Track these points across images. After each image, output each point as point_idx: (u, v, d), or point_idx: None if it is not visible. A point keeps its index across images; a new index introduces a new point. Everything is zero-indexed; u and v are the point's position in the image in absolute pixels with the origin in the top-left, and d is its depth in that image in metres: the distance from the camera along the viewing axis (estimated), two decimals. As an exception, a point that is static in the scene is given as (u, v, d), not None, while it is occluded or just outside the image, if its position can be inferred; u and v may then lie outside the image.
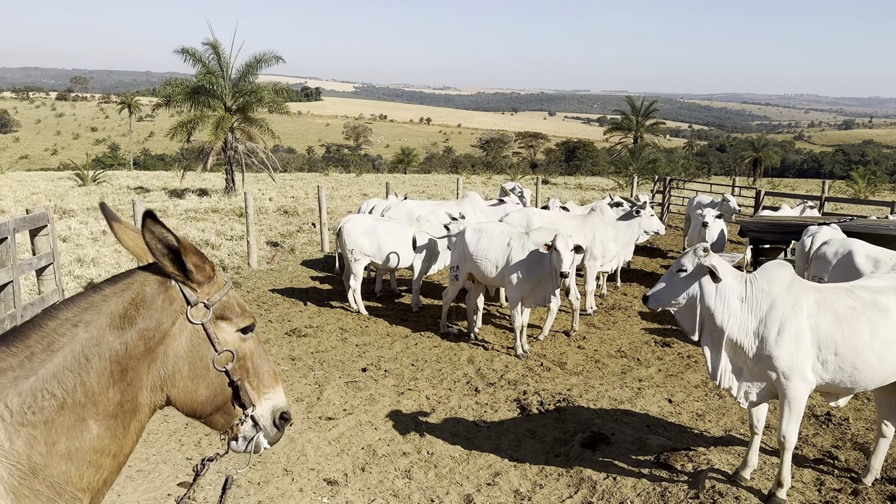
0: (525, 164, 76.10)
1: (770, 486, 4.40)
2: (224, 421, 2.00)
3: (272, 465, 4.99)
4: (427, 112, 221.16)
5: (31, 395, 1.71)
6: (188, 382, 1.91)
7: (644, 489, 4.54)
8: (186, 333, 1.88)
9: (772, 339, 4.08)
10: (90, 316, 1.80)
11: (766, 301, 4.13)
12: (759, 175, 51.69)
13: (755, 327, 4.12)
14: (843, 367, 4.12)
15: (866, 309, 4.20)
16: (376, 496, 4.61)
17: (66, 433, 1.74)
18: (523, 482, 4.80)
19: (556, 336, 8.30)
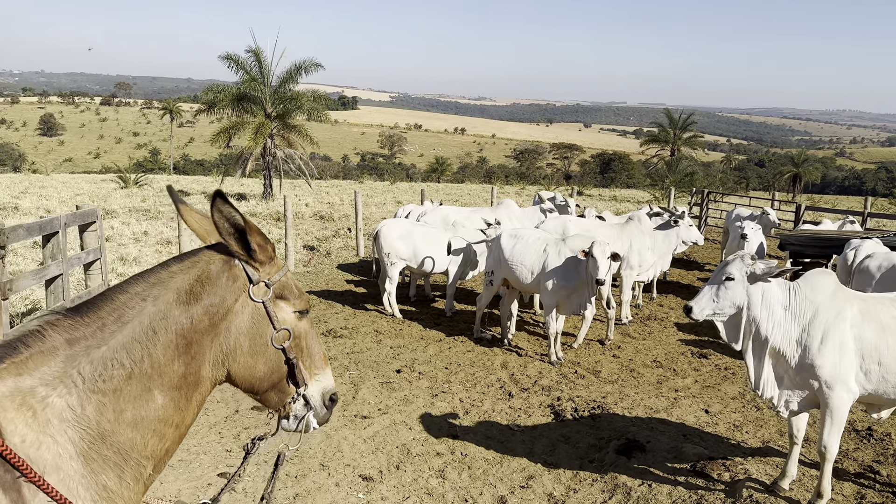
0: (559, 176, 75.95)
1: (809, 497, 4.34)
2: (278, 399, 2.05)
3: (309, 459, 5.07)
4: (461, 122, 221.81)
5: (101, 364, 1.79)
6: (248, 358, 1.97)
7: (680, 496, 4.51)
8: (248, 310, 1.94)
9: (815, 348, 4.04)
10: (158, 291, 1.88)
11: (809, 309, 4.10)
12: (798, 191, 50.89)
13: (798, 336, 4.09)
14: (886, 377, 4.07)
15: (912, 321, 4.14)
16: (410, 494, 4.65)
17: (133, 402, 1.81)
18: (557, 486, 4.79)
19: (590, 344, 8.27)
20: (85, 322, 1.82)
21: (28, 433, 1.68)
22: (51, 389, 1.73)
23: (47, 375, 1.74)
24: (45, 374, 1.74)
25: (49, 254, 6.29)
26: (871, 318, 4.12)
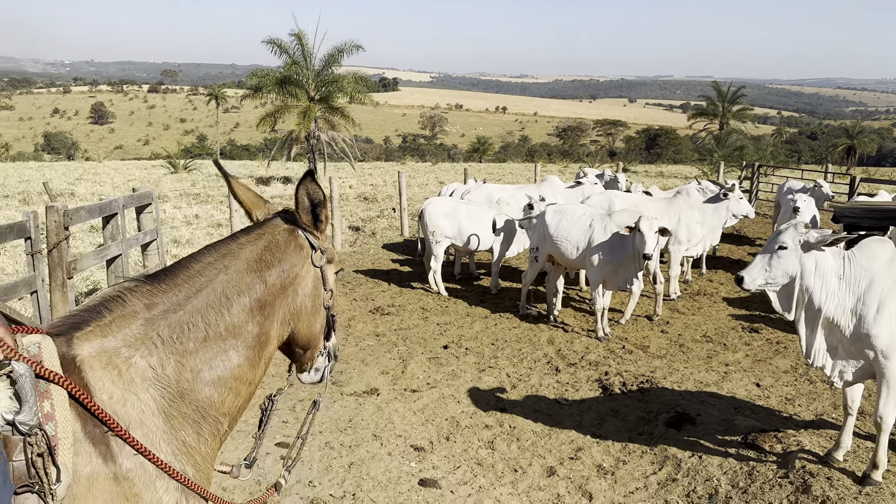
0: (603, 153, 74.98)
1: (864, 468, 4.29)
2: (311, 354, 2.19)
3: (362, 430, 5.19)
4: (503, 101, 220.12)
5: (178, 327, 1.89)
6: (310, 317, 2.10)
7: (731, 468, 4.51)
8: (311, 275, 2.08)
9: (870, 317, 3.97)
10: (229, 261, 1.99)
11: (865, 278, 4.03)
12: (853, 163, 49.31)
13: (853, 305, 4.02)
14: (946, 346, 3.99)
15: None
16: (461, 463, 4.73)
17: (210, 362, 1.91)
18: (606, 458, 4.82)
19: (638, 320, 8.23)
20: (162, 289, 1.93)
21: (115, 391, 1.78)
22: (133, 350, 1.83)
23: (129, 337, 1.85)
24: (127, 336, 1.84)
25: (109, 235, 6.54)
26: (929, 287, 4.05)
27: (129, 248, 6.57)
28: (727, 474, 4.44)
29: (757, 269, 4.10)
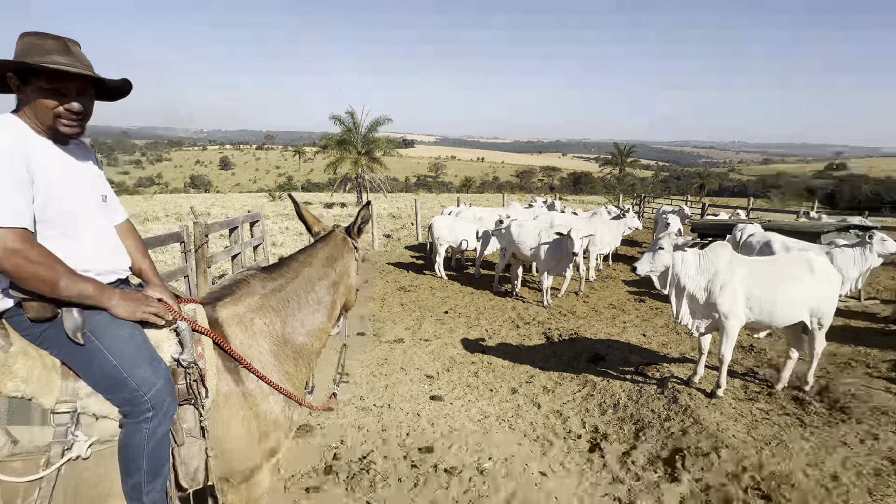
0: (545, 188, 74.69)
1: (711, 387, 4.33)
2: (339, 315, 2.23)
3: (393, 365, 5.19)
4: (482, 154, 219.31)
5: (283, 299, 1.92)
6: (352, 291, 2.18)
7: (628, 387, 4.54)
8: (354, 265, 2.16)
9: (716, 293, 4.01)
10: (312, 259, 2.05)
11: (712, 268, 4.06)
12: (703, 195, 49.29)
13: (705, 285, 4.06)
14: (763, 310, 4.03)
15: (780, 274, 4.08)
16: (457, 385, 4.75)
17: (303, 321, 1.95)
18: (549, 382, 4.84)
19: (569, 295, 8.23)
20: (272, 276, 1.97)
21: (243, 339, 1.81)
22: (254, 314, 1.87)
23: (252, 305, 1.88)
24: (250, 305, 1.87)
25: (233, 240, 6.55)
26: (753, 274, 4.08)
27: (245, 248, 6.58)
28: (625, 391, 4.46)
29: (645, 261, 4.13)
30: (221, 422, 1.69)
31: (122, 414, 1.53)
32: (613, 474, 3.33)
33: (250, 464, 1.76)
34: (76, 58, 1.49)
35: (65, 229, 1.53)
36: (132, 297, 1.60)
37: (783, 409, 4.07)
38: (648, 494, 3.11)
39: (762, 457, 3.37)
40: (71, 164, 1.58)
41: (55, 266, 1.44)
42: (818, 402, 4.18)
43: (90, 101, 1.57)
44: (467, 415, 4.14)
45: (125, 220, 1.84)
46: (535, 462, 3.45)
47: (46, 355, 1.52)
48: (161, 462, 1.55)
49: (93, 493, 1.53)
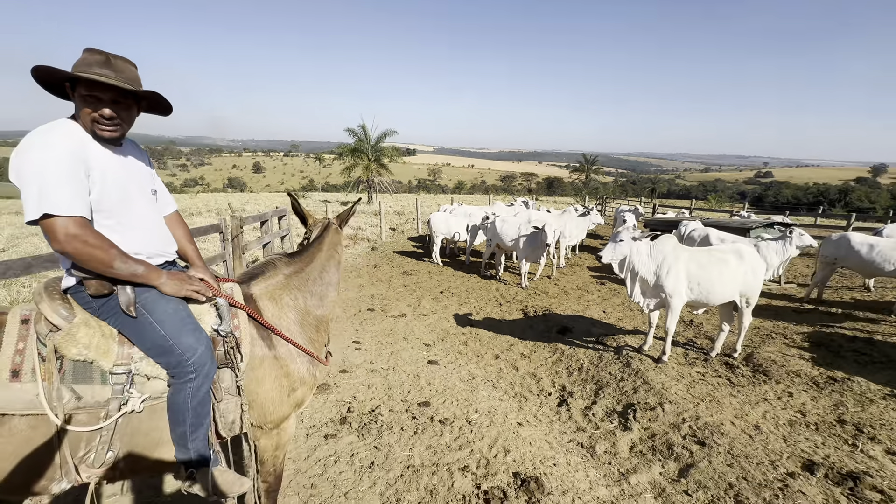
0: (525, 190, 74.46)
1: (658, 354, 4.37)
2: None
3: (397, 335, 5.17)
4: (472, 161, 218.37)
5: (303, 279, 1.91)
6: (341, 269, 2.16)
7: (589, 354, 4.56)
8: (342, 247, 2.15)
9: (663, 276, 4.02)
10: (322, 246, 2.06)
11: (660, 256, 4.07)
12: (654, 197, 49.34)
13: (654, 270, 4.07)
14: (703, 291, 4.05)
15: (716, 261, 4.10)
16: (450, 353, 4.74)
17: (319, 294, 1.94)
18: (525, 349, 4.85)
19: (543, 278, 8.23)
20: (294, 261, 1.96)
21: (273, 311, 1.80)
22: (281, 291, 1.85)
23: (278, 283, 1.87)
24: (277, 283, 1.86)
25: (264, 230, 6.47)
26: (694, 261, 4.09)
27: (274, 238, 6.51)
28: (588, 357, 4.49)
29: (608, 250, 4.12)
30: (256, 380, 1.70)
31: (170, 375, 1.53)
32: (577, 424, 3.37)
33: (281, 413, 1.78)
34: (117, 70, 1.44)
35: (120, 218, 1.51)
36: (178, 276, 1.58)
37: (716, 372, 4.12)
38: (605, 440, 3.14)
39: (698, 410, 3.42)
40: (123, 162, 1.56)
41: (110, 249, 1.42)
42: (744, 366, 4.23)
43: (127, 111, 1.50)
44: (458, 376, 4.16)
45: (174, 212, 1.82)
46: (513, 414, 3.48)
47: (105, 325, 1.51)
48: (203, 416, 1.55)
49: (146, 441, 1.53)
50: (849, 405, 3.51)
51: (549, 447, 3.06)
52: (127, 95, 1.48)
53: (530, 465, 2.82)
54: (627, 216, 10.28)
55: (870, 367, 4.24)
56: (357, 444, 2.99)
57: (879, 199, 53.09)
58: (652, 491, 2.63)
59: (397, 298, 6.79)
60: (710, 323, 5.59)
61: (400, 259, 9.88)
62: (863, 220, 17.07)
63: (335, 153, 28.73)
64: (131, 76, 1.47)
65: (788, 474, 2.70)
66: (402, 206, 24.43)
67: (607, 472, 2.81)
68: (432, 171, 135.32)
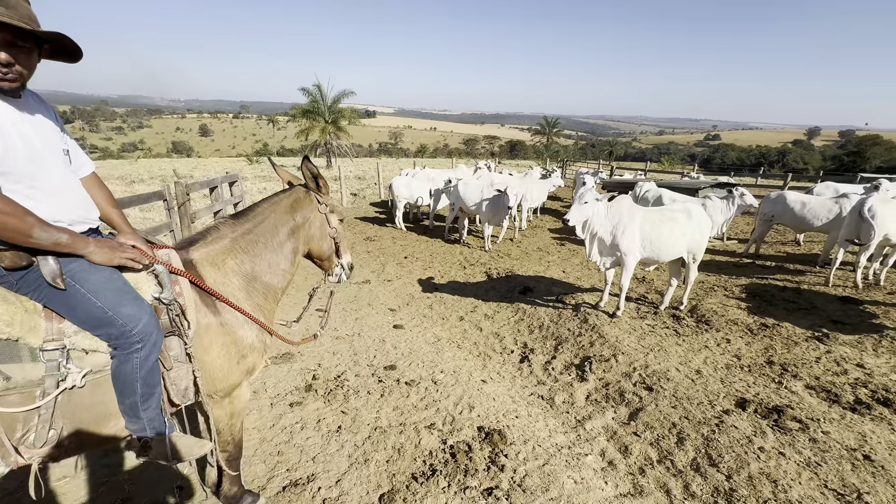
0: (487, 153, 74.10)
1: (612, 310, 4.59)
2: (328, 264, 2.12)
3: (361, 301, 5.13)
4: (434, 124, 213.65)
5: (251, 241, 1.80)
6: (319, 241, 2.03)
7: (550, 312, 4.71)
8: (318, 217, 2.01)
9: (619, 235, 4.16)
10: (276, 207, 1.92)
11: (617, 216, 4.18)
12: (613, 159, 50.56)
13: (611, 230, 4.19)
14: (654, 249, 4.23)
15: (667, 220, 4.27)
16: (415, 316, 4.78)
17: (269, 260, 1.85)
18: (489, 310, 4.94)
19: (505, 241, 8.34)
20: (240, 222, 1.83)
21: (216, 276, 1.70)
22: (225, 255, 1.75)
23: (223, 248, 1.76)
24: (222, 247, 1.76)
25: (214, 198, 6.07)
26: (647, 220, 4.24)
27: (225, 206, 6.14)
28: (548, 315, 4.64)
29: (574, 212, 4.08)
30: (203, 348, 1.63)
31: (113, 347, 1.43)
32: (538, 378, 3.53)
33: (231, 381, 1.73)
34: (9, 6, 1.21)
35: (31, 182, 1.33)
36: (107, 244, 1.44)
37: (664, 324, 4.41)
38: (563, 392, 3.32)
39: (648, 359, 3.66)
40: (26, 118, 1.35)
41: (25, 217, 1.26)
42: (689, 317, 4.54)
43: (26, 56, 1.28)
44: (423, 338, 4.21)
45: (91, 174, 1.62)
46: (477, 372, 3.59)
47: (26, 300, 1.37)
48: (153, 385, 1.49)
49: (91, 416, 1.45)
50: (777, 348, 3.88)
51: (512, 401, 3.20)
52: (26, 37, 1.26)
53: (494, 419, 2.94)
54: (587, 178, 10.44)
55: (796, 313, 4.68)
56: (324, 410, 2.99)
57: (812, 161, 57.17)
58: (605, 434, 2.83)
59: (361, 265, 6.68)
60: (661, 279, 5.91)
61: (362, 225, 9.67)
62: (797, 180, 18.34)
63: (289, 115, 27.08)
64: (26, 13, 1.25)
65: (724, 411, 2.98)
66: (364, 170, 23.69)
67: (565, 420, 2.99)
68: (394, 135, 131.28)
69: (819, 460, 2.52)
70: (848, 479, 2.38)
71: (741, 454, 2.56)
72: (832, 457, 2.54)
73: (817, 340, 3.99)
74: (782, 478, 2.40)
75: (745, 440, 2.68)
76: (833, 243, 6.39)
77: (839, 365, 3.57)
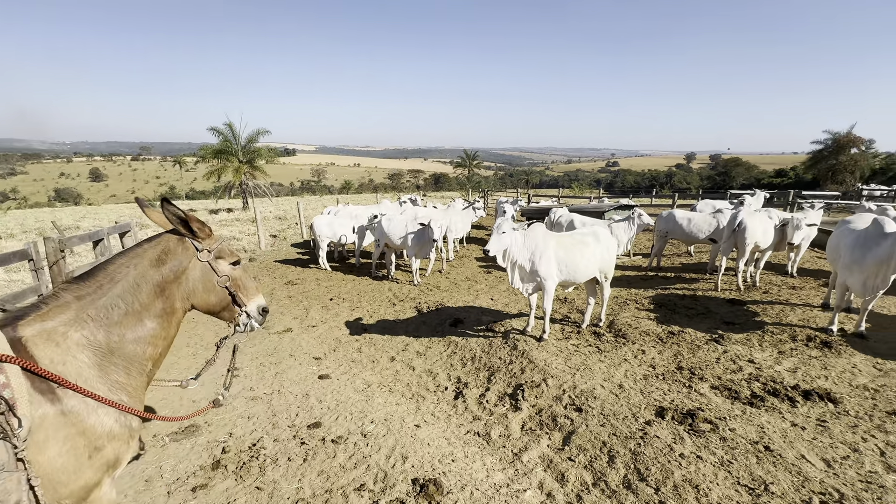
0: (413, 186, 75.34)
1: (539, 333, 4.70)
2: (229, 314, 1.86)
3: (282, 353, 4.71)
4: (358, 160, 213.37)
5: (104, 308, 1.53)
6: (203, 294, 1.76)
7: (481, 342, 4.70)
8: (198, 267, 1.74)
9: (537, 262, 4.32)
10: (137, 261, 1.65)
11: (533, 243, 4.35)
12: (530, 187, 54.09)
13: (529, 257, 4.34)
14: (570, 271, 4.44)
15: (578, 244, 4.53)
16: (343, 363, 4.48)
17: (131, 328, 1.57)
18: (420, 347, 4.81)
19: (434, 273, 8.32)
20: (87, 284, 1.56)
21: (55, 356, 1.41)
22: (68, 327, 1.47)
23: (64, 319, 1.47)
24: (63, 319, 1.47)
25: (99, 252, 5.31)
26: (561, 245, 4.47)
27: (114, 261, 5.38)
28: (479, 345, 4.62)
29: (493, 243, 4.18)
30: (37, 445, 1.30)
31: None
32: (473, 414, 3.44)
33: (83, 482, 1.39)
34: None
35: None
36: None
37: (587, 342, 4.61)
38: (499, 425, 3.26)
39: (575, 379, 3.77)
40: None
41: None
42: (608, 333, 4.81)
43: None
44: (352, 386, 3.94)
45: None
46: (410, 416, 3.41)
47: None
48: None
49: None
50: (684, 353, 4.23)
51: (448, 443, 3.06)
52: None
53: (429, 468, 2.77)
54: (507, 207, 10.92)
55: (696, 318, 5.18)
56: (235, 490, 2.60)
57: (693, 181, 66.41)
58: (542, 464, 2.80)
59: (281, 312, 6.21)
60: (580, 298, 6.25)
61: (283, 268, 9.10)
62: (683, 199, 20.98)
63: (198, 156, 25.31)
64: None
65: (646, 423, 3.12)
66: (284, 210, 22.67)
67: (502, 455, 2.92)
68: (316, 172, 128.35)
69: (730, 458, 2.71)
70: (756, 473, 2.58)
71: (665, 464, 2.67)
72: (740, 453, 2.75)
73: (715, 342, 4.43)
74: (702, 481, 2.53)
75: (667, 449, 2.80)
76: (717, 252, 7.30)
77: (735, 363, 3.96)
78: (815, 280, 6.66)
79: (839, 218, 11.43)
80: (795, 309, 5.28)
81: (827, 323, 4.68)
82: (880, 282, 4.12)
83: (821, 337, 4.40)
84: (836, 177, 30.26)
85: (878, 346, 4.19)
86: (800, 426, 3.01)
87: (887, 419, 3.05)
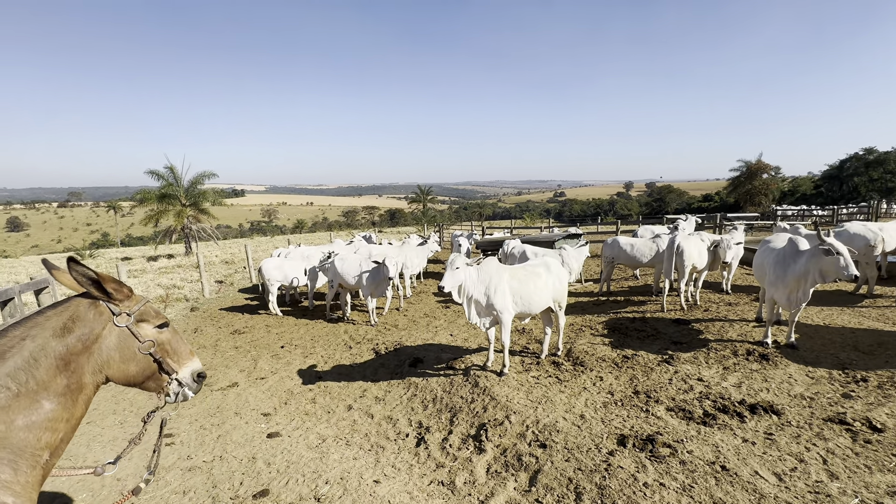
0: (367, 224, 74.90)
1: (500, 367, 4.65)
2: (155, 385, 1.65)
3: (226, 412, 4.31)
4: (310, 199, 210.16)
5: None
6: (121, 365, 1.55)
7: (441, 382, 4.57)
8: (115, 333, 1.54)
9: (492, 296, 4.32)
10: (36, 331, 1.42)
11: (487, 277, 4.37)
12: (483, 220, 55.51)
13: (484, 291, 4.34)
14: (525, 303, 4.48)
15: (531, 275, 4.61)
16: (295, 417, 4.16)
17: (23, 412, 1.34)
18: (379, 392, 4.60)
19: (392, 311, 8.14)
20: None
21: None
22: None
23: None
24: None
25: (8, 313, 4.69)
26: (514, 277, 4.53)
27: (26, 322, 4.76)
28: (440, 385, 4.49)
29: (447, 279, 4.15)
30: None
31: None
32: (437, 461, 3.27)
33: None
34: None
35: None
36: None
37: (547, 372, 4.61)
38: (464, 470, 3.12)
39: (538, 414, 3.72)
40: None
41: None
42: (567, 361, 4.85)
43: None
44: (305, 443, 3.64)
45: None
46: (369, 472, 3.18)
47: None
48: None
49: None
50: (639, 376, 4.32)
51: (410, 498, 2.87)
52: None
53: (391, 528, 2.56)
54: (462, 241, 11.07)
55: (647, 340, 5.37)
56: (165, 583, 2.25)
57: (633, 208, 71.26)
58: (509, 510, 2.67)
59: (226, 365, 5.75)
60: (538, 328, 6.31)
61: (230, 316, 8.53)
62: (625, 224, 22.31)
63: (135, 200, 23.79)
64: None
65: (609, 453, 3.10)
66: (232, 253, 21.57)
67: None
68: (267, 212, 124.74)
69: (691, 482, 2.73)
70: (716, 495, 2.61)
71: (630, 495, 2.64)
72: (700, 476, 2.79)
73: (666, 363, 4.58)
74: (667, 510, 2.51)
75: (631, 479, 2.79)
76: (659, 275, 7.72)
77: (685, 382, 4.10)
78: (747, 296, 7.18)
79: (761, 237, 12.62)
80: (734, 325, 5.63)
81: (762, 336, 5.01)
82: (801, 295, 4.50)
83: (758, 350, 4.69)
84: (754, 199, 33.78)
85: (807, 355, 4.52)
86: (750, 441, 3.11)
87: (824, 426, 3.23)
